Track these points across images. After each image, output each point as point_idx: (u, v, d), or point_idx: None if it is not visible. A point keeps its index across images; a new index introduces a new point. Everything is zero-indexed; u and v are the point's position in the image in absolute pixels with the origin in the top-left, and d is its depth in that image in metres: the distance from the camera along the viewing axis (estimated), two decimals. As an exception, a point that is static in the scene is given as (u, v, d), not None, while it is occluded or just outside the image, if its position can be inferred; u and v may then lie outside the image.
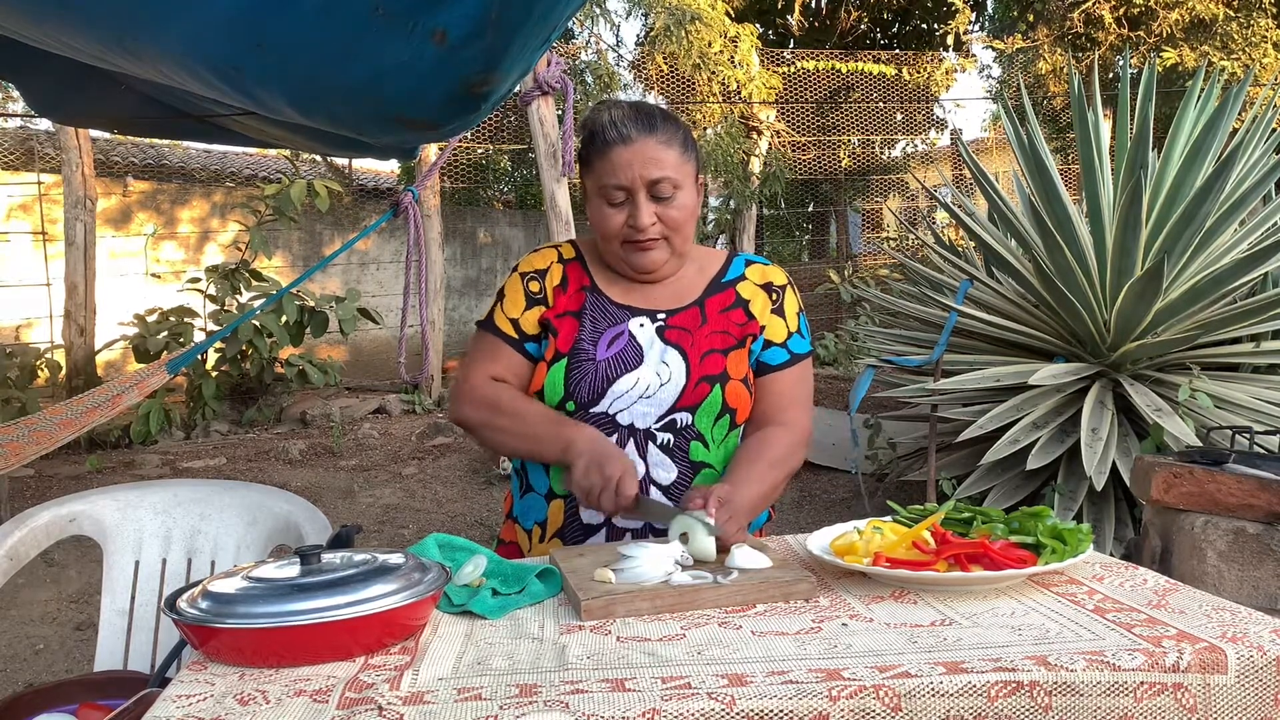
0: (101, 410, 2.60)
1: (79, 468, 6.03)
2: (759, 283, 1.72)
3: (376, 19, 1.14)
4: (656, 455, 1.59)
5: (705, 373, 1.61)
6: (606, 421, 1.59)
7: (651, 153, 1.60)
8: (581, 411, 1.60)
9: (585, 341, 1.63)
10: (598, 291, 1.68)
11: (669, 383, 1.60)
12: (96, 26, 1.33)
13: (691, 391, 1.59)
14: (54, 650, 3.55)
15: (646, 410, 1.59)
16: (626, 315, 1.66)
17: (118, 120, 2.72)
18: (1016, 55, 10.67)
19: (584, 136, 1.67)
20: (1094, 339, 4.06)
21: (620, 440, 1.59)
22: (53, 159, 8.35)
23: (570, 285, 1.69)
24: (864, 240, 13.73)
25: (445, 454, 6.44)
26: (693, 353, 1.62)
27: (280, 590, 1.10)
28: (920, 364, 4.15)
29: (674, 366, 1.61)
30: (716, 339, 1.64)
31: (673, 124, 1.66)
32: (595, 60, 10.21)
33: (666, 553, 1.29)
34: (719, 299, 1.69)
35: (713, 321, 1.66)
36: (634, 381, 1.60)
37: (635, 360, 1.61)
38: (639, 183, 1.59)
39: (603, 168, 1.61)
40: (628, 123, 1.61)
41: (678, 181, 1.62)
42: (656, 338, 1.64)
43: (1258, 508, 2.31)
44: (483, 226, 11.44)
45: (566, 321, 1.66)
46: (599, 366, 1.61)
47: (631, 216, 1.61)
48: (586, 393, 1.60)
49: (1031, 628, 1.09)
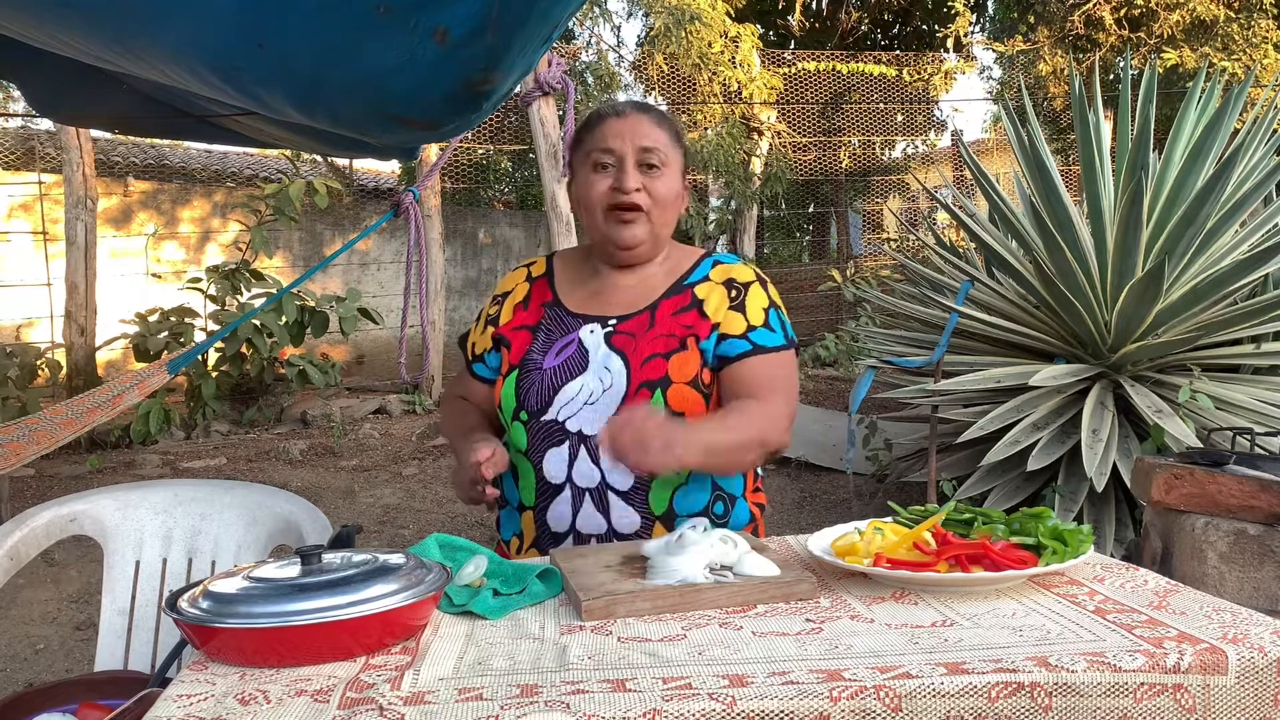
0: (102, 410, 2.60)
1: (79, 468, 6.04)
2: (719, 280, 1.69)
3: (378, 18, 1.14)
4: (610, 461, 1.58)
5: (645, 378, 1.59)
6: (557, 429, 1.60)
7: (642, 126, 1.65)
8: (533, 420, 1.61)
9: (535, 352, 1.66)
10: (557, 305, 1.71)
11: (610, 389, 1.59)
12: (98, 26, 1.33)
13: (632, 397, 1.58)
14: (54, 650, 3.55)
15: (592, 416, 1.58)
16: (579, 323, 1.67)
17: (118, 120, 2.73)
18: (1017, 57, 10.67)
19: (580, 128, 1.72)
20: (1095, 340, 4.06)
21: (571, 447, 1.59)
22: (53, 159, 8.36)
23: (532, 301, 1.74)
24: (864, 241, 13.74)
25: (445, 454, 6.44)
26: (634, 358, 1.61)
27: (281, 590, 1.10)
28: (921, 365, 4.15)
29: (615, 372, 1.60)
30: (659, 343, 1.62)
31: (666, 117, 1.72)
32: (596, 60, 10.22)
33: (699, 556, 1.28)
34: (673, 301, 1.67)
35: (661, 325, 1.65)
36: (579, 388, 1.60)
37: (580, 366, 1.62)
38: (629, 148, 1.63)
39: (593, 139, 1.66)
40: (624, 104, 1.70)
41: (666, 159, 1.65)
42: (603, 343, 1.64)
43: (1258, 509, 2.31)
44: (483, 227, 11.44)
45: (520, 335, 1.69)
46: (545, 374, 1.62)
47: (618, 180, 1.63)
48: (535, 401, 1.61)
49: (1032, 629, 1.09)
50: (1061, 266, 3.96)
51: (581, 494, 1.58)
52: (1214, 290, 3.86)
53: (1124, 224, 3.75)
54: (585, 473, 1.58)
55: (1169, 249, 3.86)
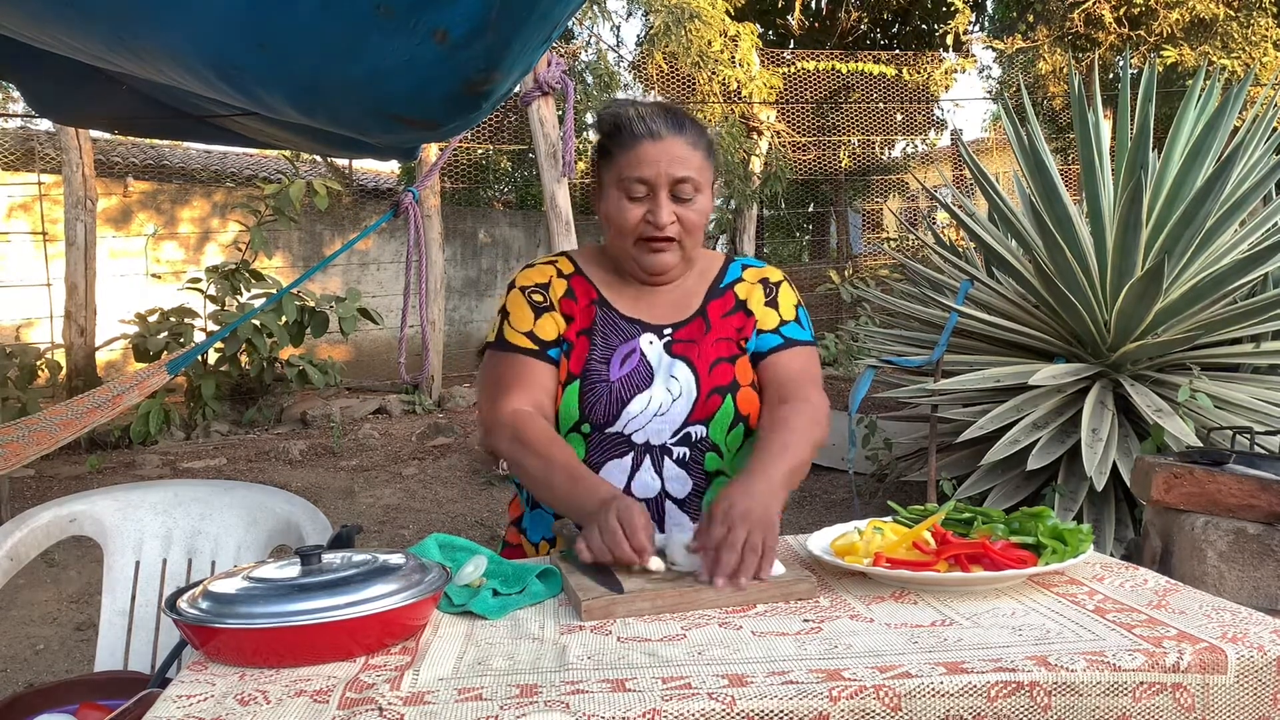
0: (102, 410, 2.60)
1: (79, 468, 6.04)
2: (754, 280, 1.71)
3: (378, 18, 1.14)
4: (672, 469, 1.58)
5: (715, 384, 1.59)
6: (622, 441, 1.58)
7: (679, 152, 1.58)
8: (597, 432, 1.59)
9: (597, 361, 1.61)
10: (606, 305, 1.66)
11: (680, 397, 1.58)
12: (98, 26, 1.33)
13: (704, 404, 1.58)
14: (54, 650, 3.55)
15: (661, 427, 1.58)
16: (637, 330, 1.64)
17: (118, 120, 2.73)
18: (1016, 55, 10.67)
19: (605, 129, 1.63)
20: (1094, 339, 4.06)
21: (635, 458, 1.58)
22: (53, 159, 8.35)
23: (580, 299, 1.66)
24: (864, 240, 13.74)
25: (445, 454, 6.44)
26: (700, 364, 1.61)
27: (281, 590, 1.10)
28: (920, 364, 4.15)
29: (683, 380, 1.59)
30: (722, 347, 1.63)
31: (699, 128, 1.64)
32: (595, 60, 10.22)
33: None
34: (719, 304, 1.68)
35: (716, 329, 1.65)
36: (647, 401, 1.58)
37: (646, 379, 1.60)
38: (663, 179, 1.57)
39: (626, 160, 1.58)
40: (657, 119, 1.59)
41: (699, 184, 1.60)
42: (664, 353, 1.62)
43: (1258, 508, 2.31)
44: (483, 227, 11.44)
45: (581, 341, 1.64)
46: (612, 388, 1.59)
47: (651, 213, 1.58)
48: (602, 415, 1.58)
49: (1032, 628, 1.09)
50: (1061, 266, 3.96)
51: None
52: (1213, 289, 3.86)
53: (1123, 223, 3.76)
54: (645, 483, 1.57)
55: (1168, 248, 3.86)
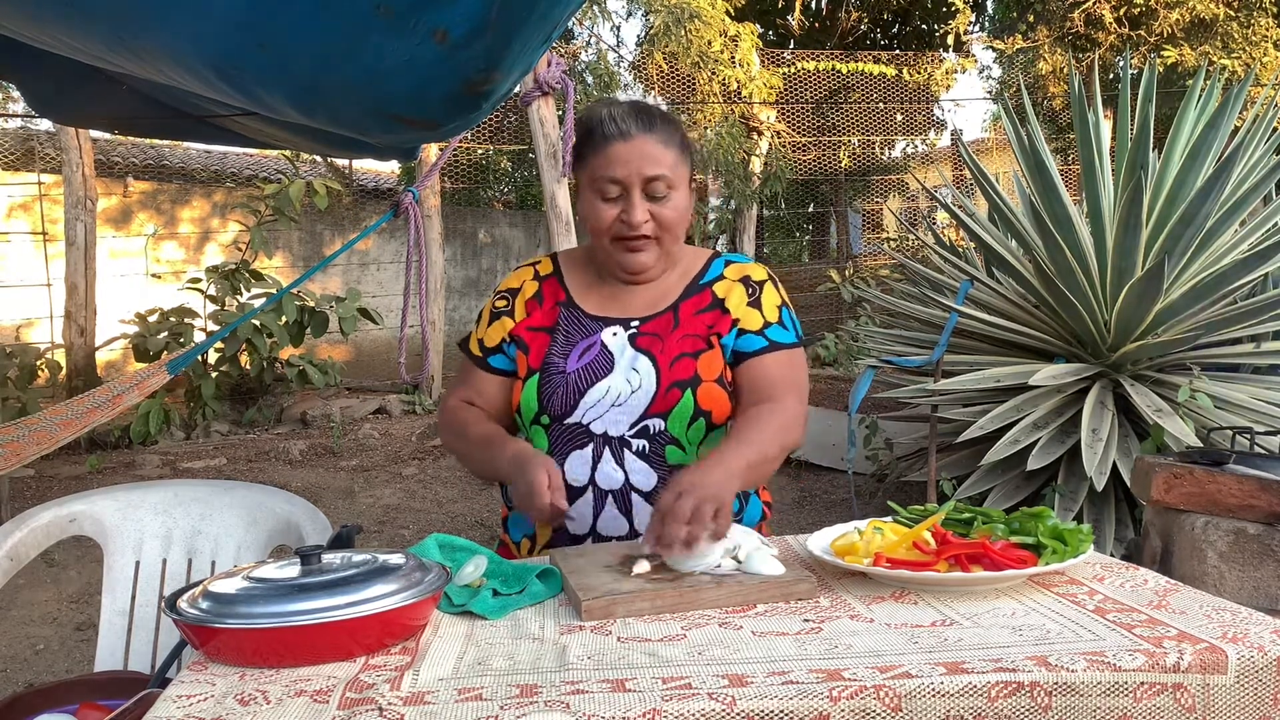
0: (102, 410, 2.60)
1: (79, 468, 6.04)
2: (735, 278, 1.70)
3: (378, 18, 1.14)
4: (634, 462, 1.58)
5: (675, 378, 1.59)
6: (581, 431, 1.59)
7: (649, 150, 1.59)
8: (556, 424, 1.60)
9: (556, 355, 1.63)
10: (572, 305, 1.69)
11: (639, 389, 1.59)
12: (98, 26, 1.33)
13: (662, 398, 1.58)
14: (54, 650, 3.55)
15: (619, 418, 1.58)
16: (600, 326, 1.66)
17: (118, 120, 2.73)
18: (1016, 56, 10.67)
19: (580, 132, 1.66)
20: (1094, 339, 4.06)
21: (596, 449, 1.58)
22: (53, 159, 8.35)
23: (545, 300, 1.70)
24: (864, 240, 13.74)
25: (445, 454, 6.43)
26: (662, 359, 1.61)
27: (281, 590, 1.10)
28: (920, 364, 4.15)
29: (644, 373, 1.60)
30: (687, 343, 1.63)
31: (671, 124, 1.65)
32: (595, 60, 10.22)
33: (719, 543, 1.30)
34: (694, 301, 1.67)
35: (685, 325, 1.65)
36: (605, 390, 1.59)
37: (606, 369, 1.61)
38: (635, 178, 1.58)
39: (598, 162, 1.60)
40: (627, 119, 1.60)
41: (673, 181, 1.61)
42: (628, 345, 1.63)
43: (1258, 508, 2.31)
44: (483, 227, 11.44)
45: (539, 337, 1.67)
46: (569, 378, 1.61)
47: (625, 212, 1.60)
48: (559, 405, 1.60)
49: (1032, 628, 1.09)
50: (1061, 266, 3.96)
51: (604, 496, 1.57)
52: (1214, 289, 3.86)
53: (1123, 223, 3.75)
54: (609, 475, 1.57)
55: (1169, 248, 3.85)
